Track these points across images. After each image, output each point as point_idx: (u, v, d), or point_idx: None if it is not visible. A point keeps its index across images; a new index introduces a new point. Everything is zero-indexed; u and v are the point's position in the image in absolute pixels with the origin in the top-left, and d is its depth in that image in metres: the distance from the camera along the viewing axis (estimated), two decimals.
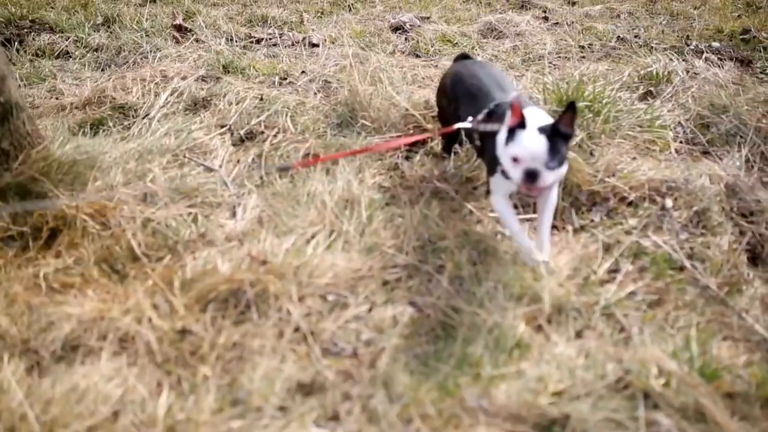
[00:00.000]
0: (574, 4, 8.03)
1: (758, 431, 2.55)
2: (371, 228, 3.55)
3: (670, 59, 5.69)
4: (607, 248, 3.58)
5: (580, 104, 4.46)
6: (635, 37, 6.71)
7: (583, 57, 6.13)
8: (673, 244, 3.57)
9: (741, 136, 4.43)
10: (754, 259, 3.56)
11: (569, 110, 3.01)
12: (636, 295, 3.24)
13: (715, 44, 6.35)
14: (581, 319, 3.05)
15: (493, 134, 3.27)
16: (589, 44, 6.48)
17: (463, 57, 4.18)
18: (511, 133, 3.07)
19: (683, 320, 3.09)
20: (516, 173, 3.05)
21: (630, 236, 3.62)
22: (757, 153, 4.29)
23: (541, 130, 3.02)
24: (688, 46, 6.27)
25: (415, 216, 3.66)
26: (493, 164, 3.30)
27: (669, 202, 3.80)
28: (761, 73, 5.80)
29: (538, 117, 3.16)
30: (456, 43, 6.53)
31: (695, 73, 5.46)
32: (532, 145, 2.99)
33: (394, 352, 2.84)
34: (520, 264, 3.30)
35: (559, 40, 6.57)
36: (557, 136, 3.02)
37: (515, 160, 3.04)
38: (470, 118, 3.50)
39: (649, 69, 5.40)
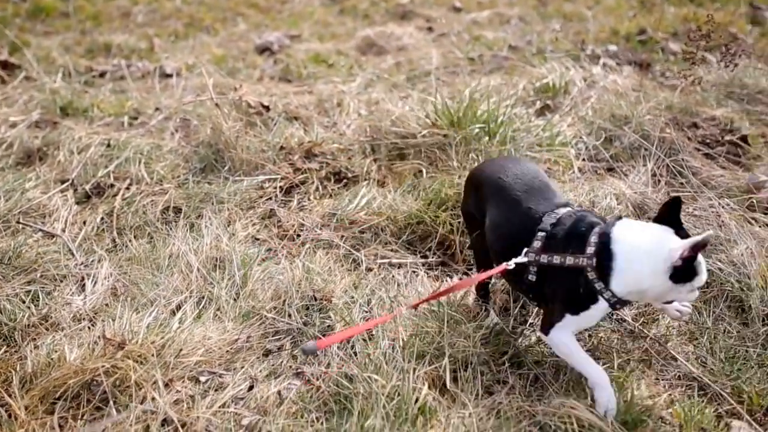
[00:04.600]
0: (459, 10, 8.27)
1: None
2: (247, 290, 3.52)
3: (567, 67, 5.94)
4: None
5: (474, 127, 4.58)
6: (528, 44, 6.97)
7: (474, 70, 6.30)
8: None
9: (645, 149, 4.66)
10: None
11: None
12: None
13: (612, 47, 6.67)
14: (490, 373, 3.11)
15: (569, 270, 2.94)
16: (480, 55, 6.68)
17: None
18: (687, 269, 2.83)
19: (600, 361, 3.19)
20: (695, 294, 2.95)
21: None
22: (662, 166, 4.52)
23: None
24: (584, 51, 6.56)
25: (297, 271, 3.64)
26: (578, 301, 2.96)
27: None
28: (661, 76, 6.13)
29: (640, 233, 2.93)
30: (332, 63, 6.58)
31: (593, 82, 5.71)
32: (704, 263, 2.89)
33: None
34: (420, 315, 3.33)
35: (447, 52, 6.75)
36: None
37: (699, 287, 2.93)
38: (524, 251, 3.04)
39: (544, 80, 5.62)
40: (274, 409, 2.91)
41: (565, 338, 3.00)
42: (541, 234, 3.01)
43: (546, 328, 3.03)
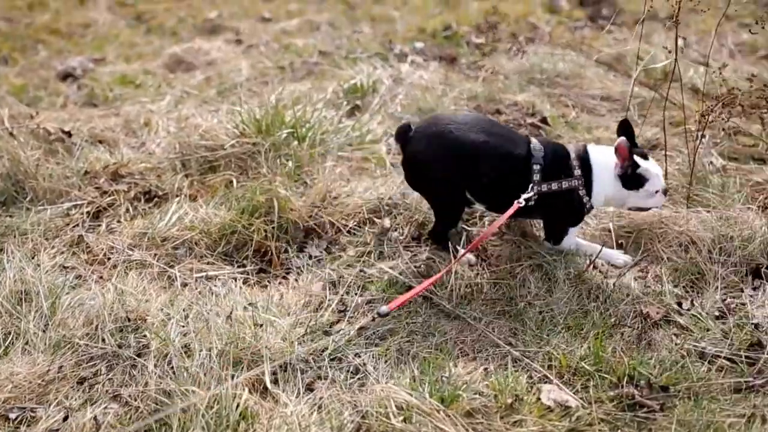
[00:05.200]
0: (268, 20, 8.34)
1: None
2: (56, 319, 3.44)
3: (375, 68, 6.13)
4: (334, 285, 3.78)
5: (282, 133, 4.67)
6: (337, 48, 7.12)
7: (285, 78, 6.38)
8: (399, 266, 3.84)
9: None
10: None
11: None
12: (367, 330, 3.45)
13: (419, 45, 6.93)
14: (311, 371, 3.19)
15: (565, 191, 3.72)
16: (290, 63, 6.77)
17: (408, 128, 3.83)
18: (632, 177, 3.69)
19: (417, 345, 3.34)
20: (657, 200, 3.80)
21: (354, 268, 3.84)
22: None
23: (641, 155, 3.73)
24: (392, 50, 6.77)
25: (108, 294, 3.59)
26: (576, 215, 3.81)
27: (387, 223, 4.09)
28: (467, 68, 6.42)
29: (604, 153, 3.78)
30: (139, 83, 6.50)
31: (401, 79, 5.92)
32: (659, 171, 3.74)
33: None
34: (238, 323, 3.37)
35: (256, 63, 6.79)
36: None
37: (656, 192, 3.73)
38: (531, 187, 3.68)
39: (353, 82, 5.77)
40: None
41: (572, 241, 3.88)
42: (537, 167, 3.68)
43: (555, 240, 3.88)
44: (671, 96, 4.70)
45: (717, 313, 3.53)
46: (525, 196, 3.62)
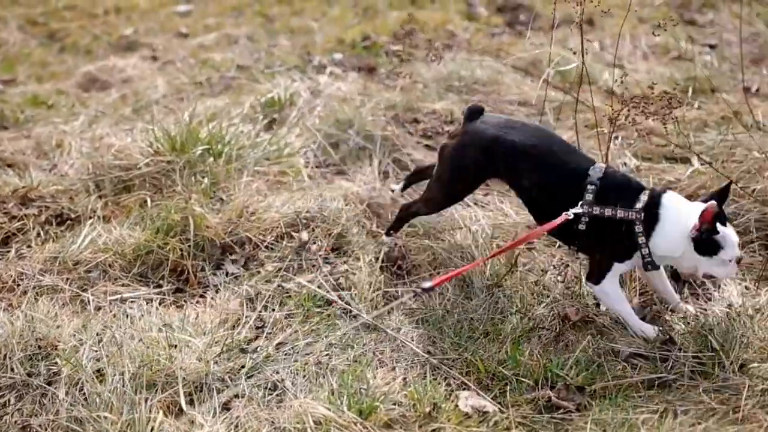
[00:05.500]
0: (185, 36, 8.27)
1: None
2: None
3: (293, 80, 6.13)
4: (251, 301, 3.77)
5: (197, 150, 4.64)
6: (256, 61, 7.11)
7: (202, 94, 6.34)
8: (318, 279, 3.85)
9: (370, 148, 4.93)
10: (398, 273, 3.96)
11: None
12: (285, 345, 3.45)
13: (338, 56, 6.96)
14: (227, 390, 3.17)
15: (619, 222, 3.39)
16: (207, 78, 6.73)
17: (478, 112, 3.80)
18: (708, 242, 3.29)
19: (336, 358, 3.35)
20: (729, 270, 3.38)
21: (271, 284, 3.84)
22: (388, 161, 4.80)
23: (722, 220, 3.31)
24: (310, 63, 6.79)
25: (18, 322, 3.52)
26: (624, 251, 3.44)
27: (305, 236, 4.10)
28: (386, 78, 6.46)
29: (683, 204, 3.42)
30: (52, 104, 6.39)
31: (319, 91, 5.93)
32: (736, 240, 3.33)
33: None
34: (153, 345, 3.33)
35: (173, 79, 6.73)
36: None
37: (729, 261, 3.33)
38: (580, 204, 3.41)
39: (270, 95, 5.77)
40: None
41: (613, 288, 3.49)
42: (591, 187, 3.41)
43: (596, 279, 3.50)
44: (586, 98, 4.80)
45: None
46: (573, 210, 3.39)
